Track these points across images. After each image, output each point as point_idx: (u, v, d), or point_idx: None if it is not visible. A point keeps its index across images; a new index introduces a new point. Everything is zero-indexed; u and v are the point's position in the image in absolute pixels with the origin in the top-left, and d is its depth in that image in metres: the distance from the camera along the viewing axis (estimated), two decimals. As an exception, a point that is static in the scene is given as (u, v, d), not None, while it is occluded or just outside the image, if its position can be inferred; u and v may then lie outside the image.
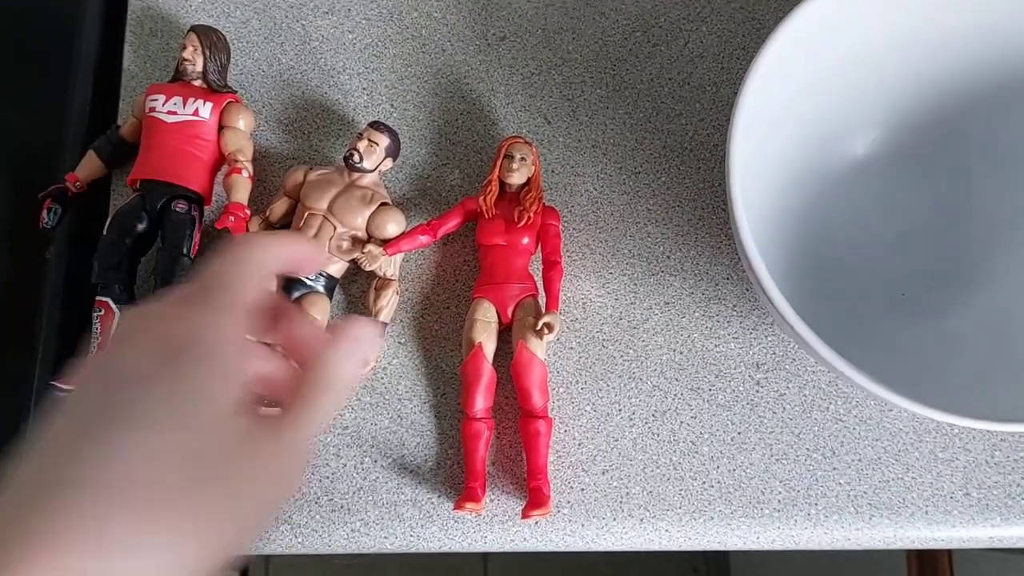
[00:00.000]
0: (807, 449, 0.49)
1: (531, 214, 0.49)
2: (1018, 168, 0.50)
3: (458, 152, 0.54)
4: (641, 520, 0.48)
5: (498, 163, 0.50)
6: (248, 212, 0.50)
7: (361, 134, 0.50)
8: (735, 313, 0.51)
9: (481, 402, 0.48)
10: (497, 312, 0.49)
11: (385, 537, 0.49)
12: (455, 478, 0.49)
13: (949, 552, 0.68)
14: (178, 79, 0.52)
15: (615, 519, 0.48)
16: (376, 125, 0.50)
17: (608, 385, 0.50)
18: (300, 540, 0.48)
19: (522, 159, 0.50)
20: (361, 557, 0.48)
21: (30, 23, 0.57)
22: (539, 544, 0.49)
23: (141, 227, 0.50)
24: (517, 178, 0.50)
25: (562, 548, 0.49)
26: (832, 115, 0.50)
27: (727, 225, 0.53)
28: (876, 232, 0.52)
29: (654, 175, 0.54)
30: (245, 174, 0.50)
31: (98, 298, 0.49)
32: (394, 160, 0.51)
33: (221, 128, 0.51)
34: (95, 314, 0.49)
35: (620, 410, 0.50)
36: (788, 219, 0.50)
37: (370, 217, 0.49)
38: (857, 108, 0.50)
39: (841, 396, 0.50)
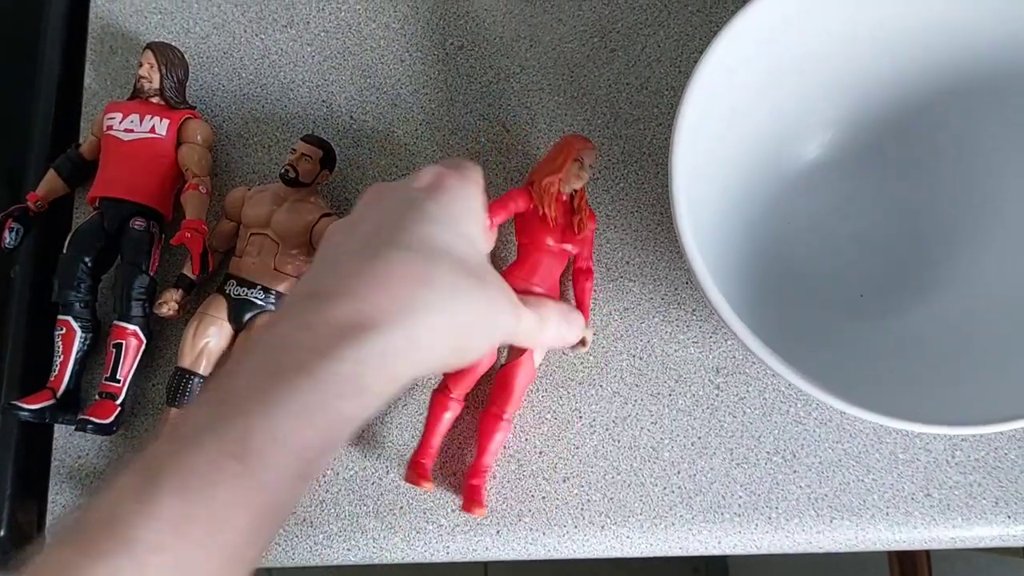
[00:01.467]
0: (767, 452, 0.49)
1: (588, 225, 0.47)
2: (977, 168, 0.50)
3: (418, 162, 0.54)
4: (602, 527, 0.48)
5: (567, 166, 0.46)
6: (205, 227, 0.50)
7: (295, 149, 0.50)
8: (694, 317, 0.51)
9: (467, 385, 0.47)
10: None
11: (348, 549, 0.49)
12: (417, 490, 0.49)
13: (927, 552, 0.68)
14: (136, 96, 0.52)
15: (576, 527, 0.48)
16: (308, 139, 0.50)
17: (568, 392, 0.50)
18: (263, 553, 0.49)
19: (589, 167, 0.48)
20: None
21: (-9, 44, 0.57)
22: (501, 553, 0.49)
23: (100, 245, 0.50)
24: (577, 184, 0.47)
25: (524, 556, 0.49)
26: (784, 115, 0.50)
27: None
28: (833, 233, 0.52)
29: (612, 180, 0.54)
30: (202, 189, 0.51)
31: (59, 317, 0.49)
32: (331, 172, 0.51)
33: (179, 144, 0.51)
34: (57, 333, 0.49)
35: (581, 417, 0.50)
36: (742, 223, 0.49)
37: (312, 230, 0.49)
38: (810, 108, 0.50)
39: (801, 399, 0.50)
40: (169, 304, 0.49)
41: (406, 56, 0.56)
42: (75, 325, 0.49)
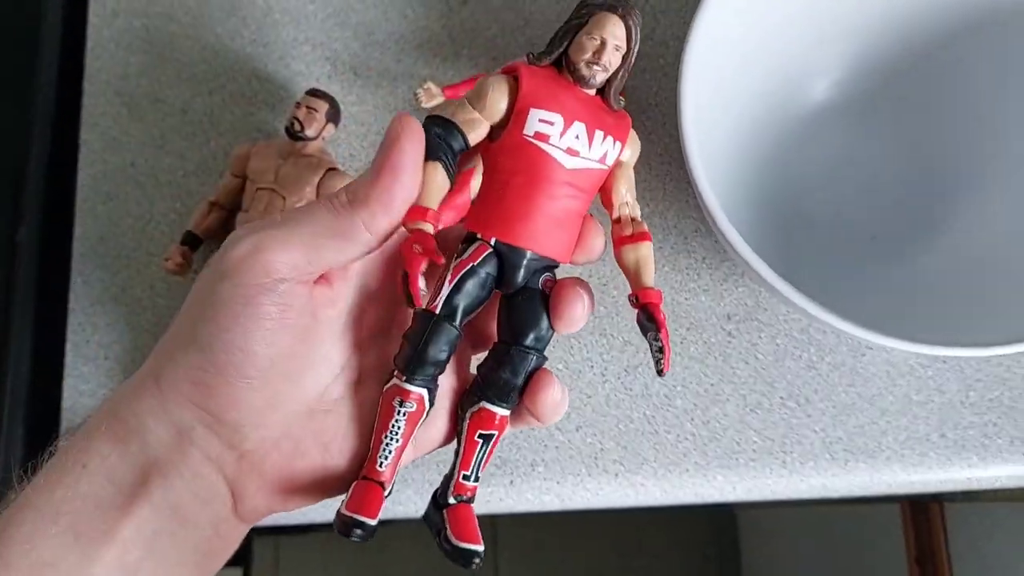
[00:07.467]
0: (781, 398, 0.49)
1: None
2: (982, 105, 0.50)
3: (422, 117, 0.54)
4: (616, 475, 0.48)
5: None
6: None
7: (299, 103, 0.49)
8: (704, 266, 0.51)
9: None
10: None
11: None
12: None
13: (940, 505, 0.67)
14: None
15: (590, 475, 0.48)
16: (314, 92, 0.50)
17: (579, 342, 0.50)
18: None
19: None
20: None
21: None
22: (515, 504, 0.49)
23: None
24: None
25: (538, 507, 0.49)
26: (790, 58, 0.49)
27: (694, 178, 0.53)
28: (843, 177, 0.51)
29: (620, 132, 0.53)
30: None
31: (406, 387, 0.31)
32: (336, 125, 0.51)
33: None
34: (402, 409, 0.31)
35: (592, 367, 0.50)
36: (752, 168, 0.49)
37: (319, 184, 0.49)
38: (816, 49, 0.50)
39: (814, 344, 0.50)
40: (174, 258, 0.49)
41: (409, 12, 0.56)
42: (427, 399, 0.31)
